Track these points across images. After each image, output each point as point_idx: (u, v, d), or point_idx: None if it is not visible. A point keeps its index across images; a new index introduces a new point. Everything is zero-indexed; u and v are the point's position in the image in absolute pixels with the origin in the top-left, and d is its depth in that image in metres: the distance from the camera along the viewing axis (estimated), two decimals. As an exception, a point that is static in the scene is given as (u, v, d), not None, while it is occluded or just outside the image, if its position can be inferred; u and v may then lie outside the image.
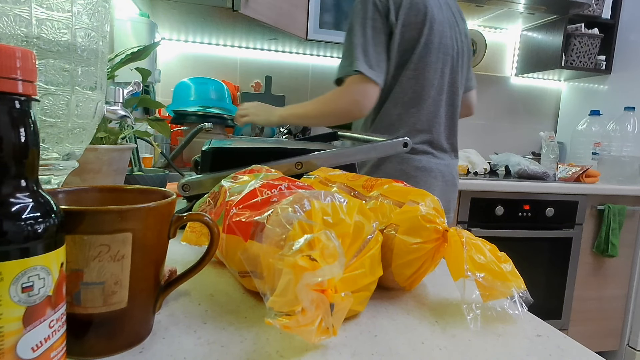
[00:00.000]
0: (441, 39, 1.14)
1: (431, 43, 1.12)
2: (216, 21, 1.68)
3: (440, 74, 1.16)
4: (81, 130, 0.42)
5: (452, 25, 1.18)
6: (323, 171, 0.56)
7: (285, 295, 0.28)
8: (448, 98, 1.19)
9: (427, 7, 1.12)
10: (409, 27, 1.11)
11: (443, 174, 1.21)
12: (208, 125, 1.12)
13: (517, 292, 0.37)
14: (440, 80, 1.16)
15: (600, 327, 1.96)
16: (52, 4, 0.36)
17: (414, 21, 1.11)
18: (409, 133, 1.15)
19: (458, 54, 1.19)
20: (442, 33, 1.14)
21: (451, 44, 1.17)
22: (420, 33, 1.11)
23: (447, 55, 1.16)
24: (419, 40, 1.11)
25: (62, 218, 0.23)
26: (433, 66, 1.14)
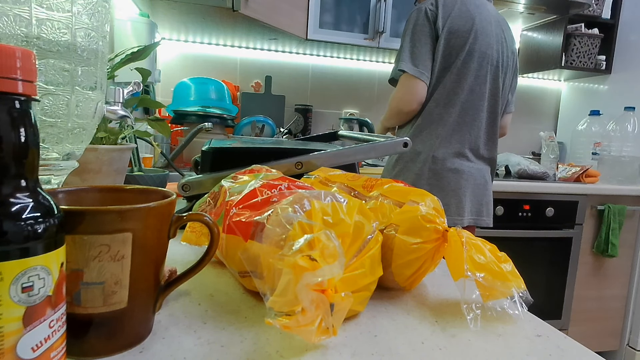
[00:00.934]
0: (486, 50, 1.21)
1: (475, 51, 1.20)
2: (216, 21, 1.68)
3: (482, 80, 1.22)
4: (81, 130, 0.42)
5: (499, 40, 1.25)
6: (323, 171, 0.56)
7: (285, 295, 0.28)
8: (489, 106, 1.25)
9: (474, 19, 1.20)
10: (455, 35, 1.19)
11: (474, 177, 1.25)
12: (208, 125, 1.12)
13: (517, 292, 0.37)
14: (481, 87, 1.22)
15: (600, 327, 1.96)
16: (52, 4, 0.36)
17: (460, 30, 1.19)
18: (447, 133, 1.22)
19: (502, 67, 1.26)
20: (488, 45, 1.22)
21: (496, 56, 1.24)
22: (465, 41, 1.19)
23: (490, 65, 1.23)
24: (463, 47, 1.19)
25: (62, 218, 0.23)
26: (475, 73, 1.21)
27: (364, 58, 2.28)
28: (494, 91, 1.26)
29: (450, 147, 1.22)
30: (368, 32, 1.94)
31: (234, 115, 1.68)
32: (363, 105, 2.36)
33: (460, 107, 1.22)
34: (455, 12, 1.20)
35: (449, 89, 1.21)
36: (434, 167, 1.22)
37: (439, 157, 1.22)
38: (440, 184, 1.22)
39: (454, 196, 1.22)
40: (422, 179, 1.23)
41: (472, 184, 1.24)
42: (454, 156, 1.22)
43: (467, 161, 1.24)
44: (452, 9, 1.20)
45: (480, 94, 1.23)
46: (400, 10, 1.97)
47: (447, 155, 1.22)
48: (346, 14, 1.92)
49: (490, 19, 1.24)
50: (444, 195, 1.22)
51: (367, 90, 2.36)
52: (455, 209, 1.23)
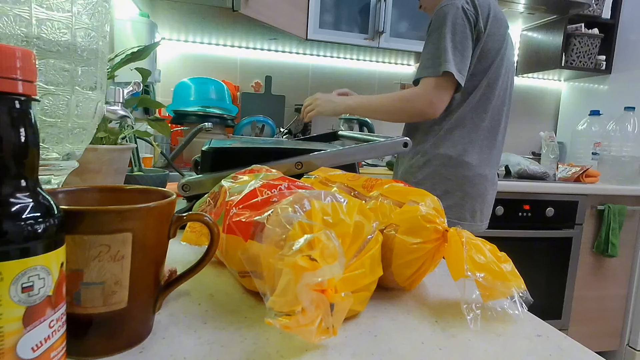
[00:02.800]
0: (510, 56, 1.22)
1: (505, 56, 1.19)
2: (216, 21, 1.68)
3: (505, 86, 1.22)
4: (81, 130, 0.42)
5: (507, 38, 1.22)
6: (323, 171, 0.56)
7: (285, 295, 0.28)
8: (507, 110, 1.25)
9: (507, 24, 1.19)
10: (492, 38, 1.15)
11: (494, 182, 1.25)
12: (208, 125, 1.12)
13: (517, 292, 0.37)
14: (504, 91, 1.22)
15: (600, 327, 1.96)
16: (52, 4, 0.36)
17: (497, 32, 1.16)
18: (479, 138, 1.20)
19: (509, 66, 1.24)
20: (512, 48, 1.22)
21: (512, 59, 1.24)
22: (501, 45, 1.17)
23: (509, 71, 1.23)
24: (498, 52, 1.16)
25: (62, 218, 0.23)
26: (502, 78, 1.19)
27: (364, 58, 2.28)
28: (510, 95, 1.26)
29: (481, 152, 1.20)
30: (368, 32, 1.94)
31: (234, 115, 1.68)
32: (363, 105, 2.36)
33: (491, 112, 1.20)
34: (492, 14, 1.14)
35: (482, 93, 1.18)
36: (466, 172, 1.19)
37: (472, 163, 1.19)
38: (472, 191, 1.20)
39: (481, 202, 1.21)
40: (454, 183, 1.19)
41: (492, 189, 1.25)
42: (483, 162, 1.20)
43: (492, 167, 1.23)
44: (488, 9, 1.14)
45: (503, 99, 1.22)
46: (400, 10, 1.97)
47: (478, 160, 1.19)
48: (346, 14, 1.92)
49: (505, 22, 1.22)
50: (473, 201, 1.19)
51: (367, 90, 2.36)
52: (479, 215, 1.21)
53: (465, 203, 1.19)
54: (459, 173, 1.18)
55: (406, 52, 2.04)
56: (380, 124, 2.36)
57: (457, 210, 1.19)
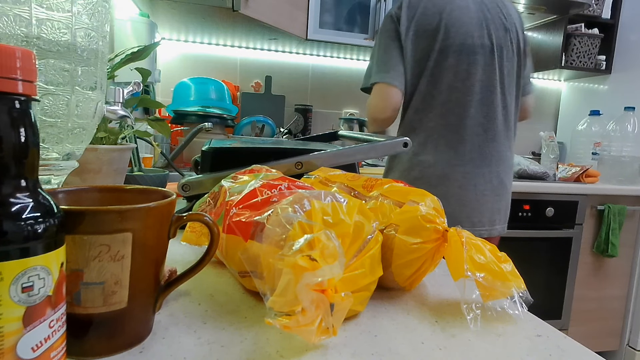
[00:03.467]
0: (465, 40, 1.12)
1: (448, 47, 1.12)
2: (216, 21, 1.68)
3: (465, 75, 1.13)
4: (81, 130, 0.42)
5: (482, 24, 1.14)
6: (323, 171, 0.56)
7: (285, 295, 0.28)
8: (483, 98, 1.14)
9: (441, 14, 1.12)
10: (422, 36, 1.12)
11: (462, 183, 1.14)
12: (208, 125, 1.12)
13: (517, 292, 0.37)
14: (465, 82, 1.13)
15: (600, 327, 1.96)
16: (52, 4, 0.36)
17: (426, 29, 1.12)
18: (428, 137, 1.15)
19: (493, 52, 1.15)
20: (467, 34, 1.12)
21: (480, 42, 1.13)
22: (434, 40, 1.12)
23: (474, 55, 1.13)
24: (433, 47, 1.12)
25: (62, 218, 0.23)
26: (453, 69, 1.12)
27: (364, 58, 2.28)
28: (488, 81, 1.15)
29: (436, 153, 1.14)
30: (368, 32, 1.94)
31: (234, 115, 1.68)
32: (363, 105, 2.36)
33: (438, 110, 1.14)
34: (420, 11, 1.12)
35: (425, 92, 1.14)
36: (421, 174, 1.15)
37: (427, 165, 1.15)
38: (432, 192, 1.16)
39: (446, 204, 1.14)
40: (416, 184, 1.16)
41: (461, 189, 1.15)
42: (442, 162, 1.14)
43: (458, 166, 1.14)
44: (416, 8, 1.13)
45: (465, 90, 1.14)
46: (400, 10, 1.97)
47: (434, 161, 1.14)
48: (346, 14, 1.92)
49: (467, 3, 1.14)
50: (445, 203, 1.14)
51: (367, 90, 2.36)
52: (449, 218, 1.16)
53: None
54: (413, 176, 1.16)
55: (406, 52, 2.04)
56: (380, 124, 2.36)
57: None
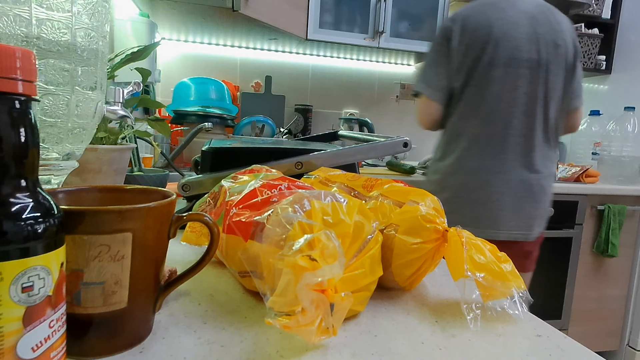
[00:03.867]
0: (513, 54, 1.18)
1: (497, 59, 1.17)
2: (216, 21, 1.68)
3: (511, 87, 1.18)
4: (81, 130, 0.42)
5: (532, 40, 1.19)
6: (323, 171, 0.56)
7: (285, 295, 0.28)
8: (526, 110, 1.20)
9: (492, 28, 1.17)
10: (473, 47, 1.18)
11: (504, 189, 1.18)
12: (208, 125, 1.12)
13: (517, 292, 0.37)
14: (510, 93, 1.18)
15: (600, 327, 1.96)
16: (52, 4, 0.36)
17: (477, 41, 1.17)
18: (472, 143, 1.20)
19: (540, 66, 1.20)
20: (515, 48, 1.18)
21: (527, 57, 1.19)
22: (484, 51, 1.17)
23: (521, 69, 1.19)
24: (482, 58, 1.17)
25: (62, 218, 0.23)
26: (500, 81, 1.18)
27: (364, 58, 2.28)
28: (531, 94, 1.20)
29: (481, 159, 1.19)
30: (368, 32, 1.94)
31: (234, 115, 1.68)
32: (363, 105, 2.36)
33: (485, 119, 1.19)
34: (472, 25, 1.18)
35: (471, 101, 1.19)
36: (461, 180, 1.20)
37: (469, 170, 1.20)
38: (468, 197, 1.19)
39: (485, 208, 1.19)
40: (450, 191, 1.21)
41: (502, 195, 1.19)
42: (483, 168, 1.19)
43: (499, 172, 1.19)
44: (468, 22, 1.18)
45: (510, 101, 1.18)
46: (400, 10, 1.97)
47: (476, 168, 1.19)
48: (346, 14, 1.92)
49: (518, 20, 1.19)
50: (473, 207, 1.19)
51: (367, 90, 2.36)
52: (487, 221, 1.19)
53: (461, 209, 1.20)
54: (454, 181, 1.21)
55: (406, 52, 2.04)
56: (380, 124, 2.37)
57: (456, 216, 1.19)
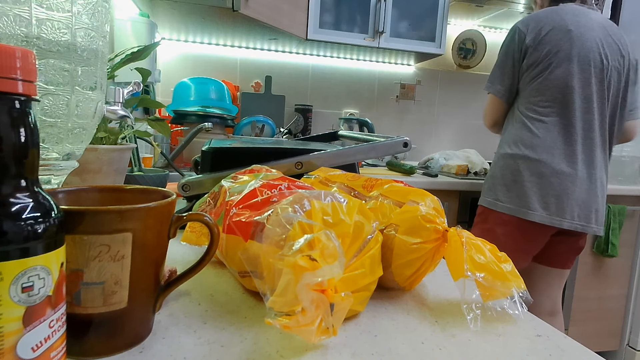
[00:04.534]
0: (584, 55, 1.24)
1: (568, 58, 1.23)
2: (216, 21, 1.68)
3: (579, 85, 1.24)
4: (81, 130, 0.42)
5: (604, 45, 1.26)
6: (323, 171, 0.56)
7: (285, 295, 0.28)
8: (599, 108, 1.26)
9: (568, 26, 1.24)
10: (549, 43, 1.25)
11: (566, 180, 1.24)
12: (208, 125, 1.12)
13: (517, 292, 0.37)
14: (579, 90, 1.24)
15: (600, 327, 1.96)
16: (52, 4, 0.36)
17: (555, 37, 1.24)
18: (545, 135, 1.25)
19: (606, 70, 1.26)
20: (589, 49, 1.24)
21: (599, 58, 1.25)
22: (558, 50, 1.24)
23: (594, 68, 1.25)
24: (555, 56, 1.24)
25: (62, 218, 0.23)
26: (568, 78, 1.23)
27: (364, 58, 2.28)
28: (596, 95, 1.26)
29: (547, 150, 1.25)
30: (368, 32, 1.94)
31: (234, 115, 1.68)
32: (363, 105, 2.36)
33: (555, 111, 1.25)
34: (548, 23, 1.25)
35: (541, 95, 1.26)
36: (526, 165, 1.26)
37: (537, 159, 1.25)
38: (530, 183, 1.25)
39: (548, 194, 1.24)
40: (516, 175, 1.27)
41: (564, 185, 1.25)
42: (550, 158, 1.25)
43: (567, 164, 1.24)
44: (543, 21, 1.26)
45: (573, 99, 1.24)
46: (400, 10, 1.97)
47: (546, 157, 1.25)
48: (346, 14, 1.92)
49: (591, 25, 1.26)
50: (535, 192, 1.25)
51: (367, 90, 2.36)
52: (550, 206, 1.24)
53: (533, 194, 1.24)
54: (526, 167, 1.26)
55: (406, 52, 2.04)
56: (380, 124, 2.37)
57: (524, 199, 1.25)
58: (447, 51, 2.40)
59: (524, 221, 1.24)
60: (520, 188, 1.26)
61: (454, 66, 2.45)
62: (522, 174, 1.26)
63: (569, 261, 1.40)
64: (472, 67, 2.46)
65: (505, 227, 1.28)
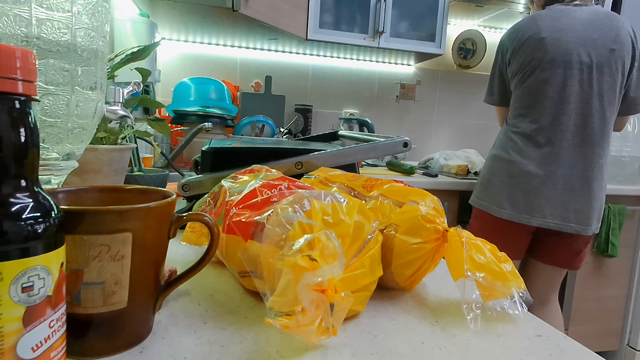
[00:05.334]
0: (563, 57, 1.28)
1: (548, 62, 1.28)
2: (216, 21, 1.68)
3: (561, 87, 1.28)
4: (81, 130, 0.42)
5: (585, 43, 1.28)
6: (323, 171, 0.56)
7: (285, 295, 0.28)
8: (577, 108, 1.28)
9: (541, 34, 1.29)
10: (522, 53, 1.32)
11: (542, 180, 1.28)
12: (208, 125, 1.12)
13: (517, 292, 0.37)
14: (560, 93, 1.28)
15: (600, 327, 1.96)
16: (52, 4, 0.36)
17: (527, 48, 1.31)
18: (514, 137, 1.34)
19: (592, 68, 1.28)
20: (566, 52, 1.27)
21: (578, 59, 1.28)
22: (536, 55, 1.29)
23: (571, 70, 1.27)
24: (533, 62, 1.30)
25: (62, 218, 0.23)
26: (551, 81, 1.29)
27: (364, 58, 2.28)
28: (585, 94, 1.28)
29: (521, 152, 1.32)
30: (368, 32, 1.94)
31: (234, 115, 1.68)
32: (363, 105, 2.36)
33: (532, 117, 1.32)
34: (522, 35, 1.32)
35: (522, 99, 1.34)
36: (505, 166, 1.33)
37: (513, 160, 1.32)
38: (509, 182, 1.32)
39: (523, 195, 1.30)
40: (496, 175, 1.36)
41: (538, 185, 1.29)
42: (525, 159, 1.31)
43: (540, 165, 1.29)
44: (519, 32, 1.33)
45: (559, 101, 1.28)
46: (400, 10, 1.97)
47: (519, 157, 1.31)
48: (346, 14, 1.92)
49: (571, 26, 1.28)
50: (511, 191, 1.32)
51: (367, 90, 2.36)
52: (524, 207, 1.30)
53: (503, 192, 1.32)
54: (500, 167, 1.35)
55: (406, 52, 2.04)
56: (380, 124, 2.37)
57: (497, 198, 1.33)
58: (447, 51, 2.40)
59: (496, 218, 1.33)
60: (493, 187, 1.36)
61: (454, 66, 2.45)
62: (496, 173, 1.35)
63: (566, 261, 1.41)
64: (472, 67, 2.46)
65: (480, 221, 1.39)
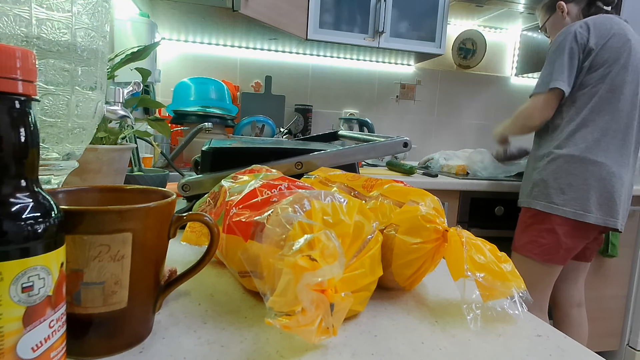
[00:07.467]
0: (631, 64, 1.33)
1: (629, 66, 1.32)
2: (216, 21, 1.68)
3: (636, 92, 1.34)
4: (81, 130, 0.42)
5: None
6: (323, 171, 0.56)
7: (285, 295, 0.28)
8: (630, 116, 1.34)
9: (627, 36, 1.33)
10: (607, 51, 1.32)
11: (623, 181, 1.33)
12: (208, 125, 1.12)
13: (517, 292, 0.37)
14: (634, 98, 1.34)
15: (600, 327, 1.96)
16: (52, 4, 0.36)
17: (612, 47, 1.32)
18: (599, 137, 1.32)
19: None
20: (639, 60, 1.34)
21: None
22: (618, 57, 1.32)
23: (634, 80, 1.34)
24: (615, 62, 1.32)
25: (62, 218, 0.23)
26: (628, 85, 1.33)
27: (364, 58, 2.28)
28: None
29: (607, 151, 1.32)
30: (368, 32, 1.94)
31: (234, 115, 1.68)
32: (363, 105, 2.36)
33: (615, 115, 1.32)
34: (609, 33, 1.32)
35: (602, 99, 1.33)
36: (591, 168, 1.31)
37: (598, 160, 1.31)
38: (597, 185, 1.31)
39: (609, 197, 1.32)
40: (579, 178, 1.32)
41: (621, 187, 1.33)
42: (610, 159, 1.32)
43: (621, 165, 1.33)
44: (605, 29, 1.33)
45: (634, 103, 1.34)
46: (400, 10, 1.97)
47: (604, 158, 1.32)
48: (346, 14, 1.92)
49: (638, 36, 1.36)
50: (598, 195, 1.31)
51: (367, 90, 2.36)
52: (608, 210, 1.32)
53: (591, 196, 1.31)
54: (583, 169, 1.32)
55: (406, 52, 2.04)
56: (380, 124, 2.37)
57: (582, 202, 1.31)
58: (447, 51, 2.40)
59: (581, 222, 1.32)
60: (576, 191, 1.32)
61: (454, 66, 2.45)
62: (579, 176, 1.32)
63: (593, 255, 1.51)
64: (472, 67, 2.46)
65: (565, 227, 1.34)
